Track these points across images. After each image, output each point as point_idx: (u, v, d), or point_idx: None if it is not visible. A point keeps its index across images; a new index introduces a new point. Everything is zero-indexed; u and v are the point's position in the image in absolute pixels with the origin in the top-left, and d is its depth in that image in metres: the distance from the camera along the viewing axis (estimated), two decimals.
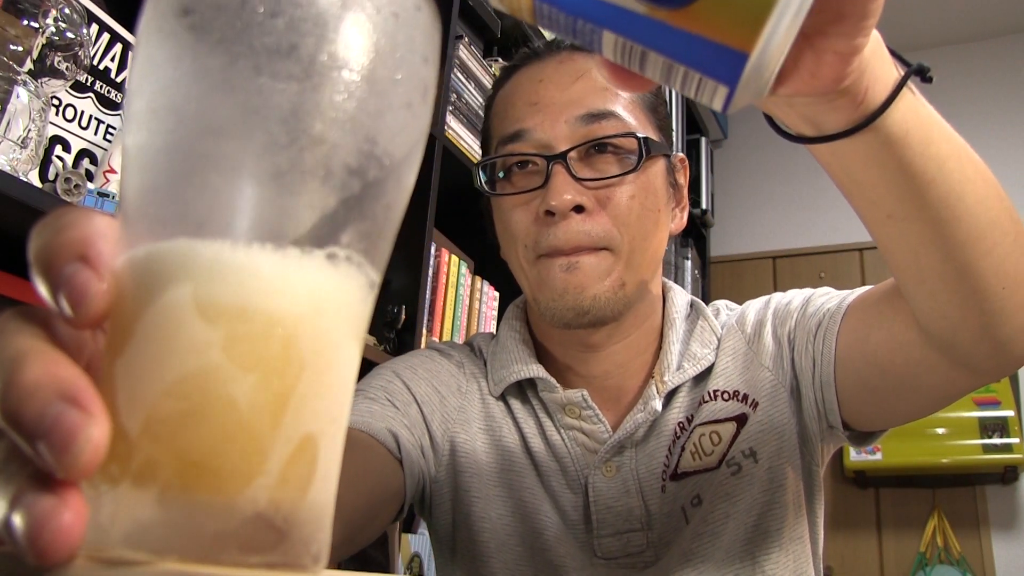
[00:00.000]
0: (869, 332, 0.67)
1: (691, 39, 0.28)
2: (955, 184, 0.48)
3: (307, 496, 0.24)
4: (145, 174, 0.25)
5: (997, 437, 3.02)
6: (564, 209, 0.70)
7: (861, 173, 0.47)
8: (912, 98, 0.44)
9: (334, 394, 0.25)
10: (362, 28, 0.25)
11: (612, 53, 0.31)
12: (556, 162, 0.71)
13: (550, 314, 0.73)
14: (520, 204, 0.74)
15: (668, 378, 0.77)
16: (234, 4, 0.24)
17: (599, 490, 0.75)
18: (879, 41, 0.41)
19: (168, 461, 0.22)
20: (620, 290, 0.72)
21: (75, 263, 0.23)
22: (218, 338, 0.23)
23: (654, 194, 0.75)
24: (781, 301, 0.81)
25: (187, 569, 0.21)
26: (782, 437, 0.75)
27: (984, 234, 0.50)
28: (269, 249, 0.24)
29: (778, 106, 0.43)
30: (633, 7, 0.28)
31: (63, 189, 1.05)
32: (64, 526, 0.20)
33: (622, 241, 0.72)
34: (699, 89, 0.30)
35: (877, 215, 0.51)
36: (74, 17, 1.05)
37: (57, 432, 0.21)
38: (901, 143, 0.44)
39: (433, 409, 0.79)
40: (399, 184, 0.27)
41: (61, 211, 0.25)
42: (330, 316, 0.25)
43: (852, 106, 0.41)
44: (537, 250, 0.73)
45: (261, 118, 0.23)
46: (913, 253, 0.52)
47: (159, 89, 0.24)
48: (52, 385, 0.21)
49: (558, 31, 0.31)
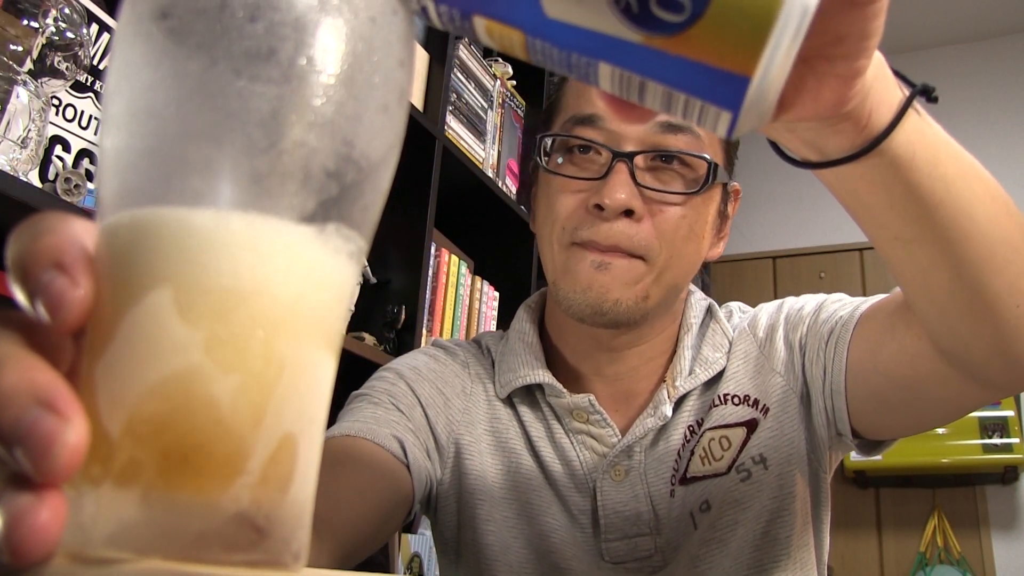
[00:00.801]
0: (881, 343, 0.66)
1: (690, 66, 0.27)
2: (964, 204, 0.47)
3: (287, 495, 0.24)
4: (123, 176, 0.25)
5: (997, 437, 3.01)
6: (616, 209, 0.68)
7: (867, 196, 0.46)
8: (918, 119, 0.43)
9: (313, 395, 0.25)
10: (339, 33, 0.25)
11: (609, 85, 0.30)
12: (621, 160, 0.70)
13: (567, 304, 0.72)
14: (571, 188, 0.72)
15: (680, 383, 0.76)
16: (213, 8, 0.24)
17: (607, 494, 0.75)
18: (882, 63, 0.40)
19: (150, 461, 0.22)
20: (643, 301, 0.71)
21: (51, 270, 0.23)
22: (200, 339, 0.23)
23: (704, 220, 0.73)
24: (794, 306, 0.80)
25: (170, 567, 0.22)
26: (792, 443, 0.75)
27: (996, 253, 0.49)
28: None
29: (780, 132, 0.42)
30: (628, 37, 0.28)
31: (63, 189, 1.05)
32: (41, 525, 0.20)
33: (659, 255, 0.70)
34: (701, 116, 0.30)
35: (885, 237, 0.50)
36: (74, 17, 1.06)
37: (33, 438, 0.21)
38: (907, 166, 0.43)
39: (437, 412, 0.78)
40: (376, 187, 0.27)
41: (38, 216, 0.25)
42: (308, 309, 0.25)
43: (856, 130, 0.40)
44: (574, 237, 0.71)
45: (240, 122, 0.24)
46: (923, 273, 0.51)
47: (137, 92, 0.24)
48: (28, 391, 0.21)
49: (552, 66, 0.30)
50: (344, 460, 0.66)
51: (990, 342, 0.54)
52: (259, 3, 0.24)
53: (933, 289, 0.52)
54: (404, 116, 0.28)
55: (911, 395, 0.65)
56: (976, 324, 0.53)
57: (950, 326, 0.55)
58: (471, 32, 0.30)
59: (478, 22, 0.29)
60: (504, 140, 2.20)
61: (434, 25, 0.30)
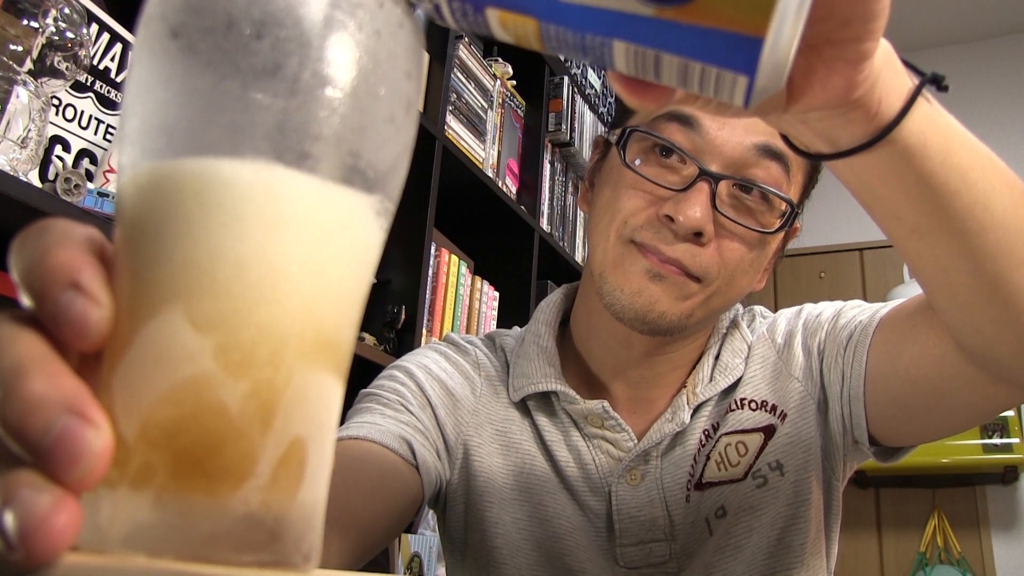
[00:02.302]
0: (902, 346, 0.65)
1: (703, 33, 0.28)
2: (980, 194, 0.46)
3: (297, 497, 0.25)
4: (138, 191, 0.25)
5: (997, 437, 3.02)
6: (689, 228, 0.66)
7: (881, 188, 0.46)
8: (928, 108, 0.43)
9: (322, 400, 0.26)
10: (345, 46, 0.25)
11: (625, 64, 0.30)
12: (705, 179, 0.67)
13: (611, 300, 0.70)
14: (644, 188, 0.69)
15: (700, 390, 0.76)
16: (221, 26, 0.24)
17: (623, 498, 0.74)
18: (890, 51, 0.40)
19: (164, 465, 0.23)
20: (687, 318, 0.70)
21: (69, 290, 0.23)
22: (210, 346, 0.24)
23: (765, 256, 0.73)
24: (812, 312, 0.79)
25: (183, 568, 0.22)
26: (808, 450, 0.74)
27: (1015, 245, 0.48)
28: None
29: (792, 124, 0.42)
30: (639, 11, 0.28)
31: (63, 189, 1.05)
32: (59, 527, 0.21)
33: (715, 281, 0.69)
34: (718, 86, 0.30)
35: (901, 230, 0.49)
36: (74, 17, 1.05)
37: (64, 445, 0.21)
38: (920, 155, 0.43)
39: (447, 412, 0.78)
40: (387, 195, 0.27)
41: (40, 227, 0.25)
42: (318, 317, 0.26)
43: (866, 119, 0.40)
44: (635, 236, 0.69)
45: (247, 136, 0.24)
46: (942, 268, 0.50)
47: (151, 109, 0.25)
48: (58, 397, 0.22)
49: (567, 52, 0.31)
50: (353, 463, 0.66)
51: (1015, 338, 0.52)
52: (264, 20, 0.24)
53: (953, 284, 0.51)
54: (413, 126, 0.28)
55: (934, 399, 0.64)
56: (999, 319, 0.51)
57: (973, 323, 0.53)
58: (485, 26, 0.30)
59: (491, 15, 0.29)
60: (504, 140, 2.20)
61: (447, 25, 0.31)
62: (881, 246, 3.48)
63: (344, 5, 0.25)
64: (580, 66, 2.69)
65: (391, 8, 0.27)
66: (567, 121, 2.45)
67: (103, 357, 0.25)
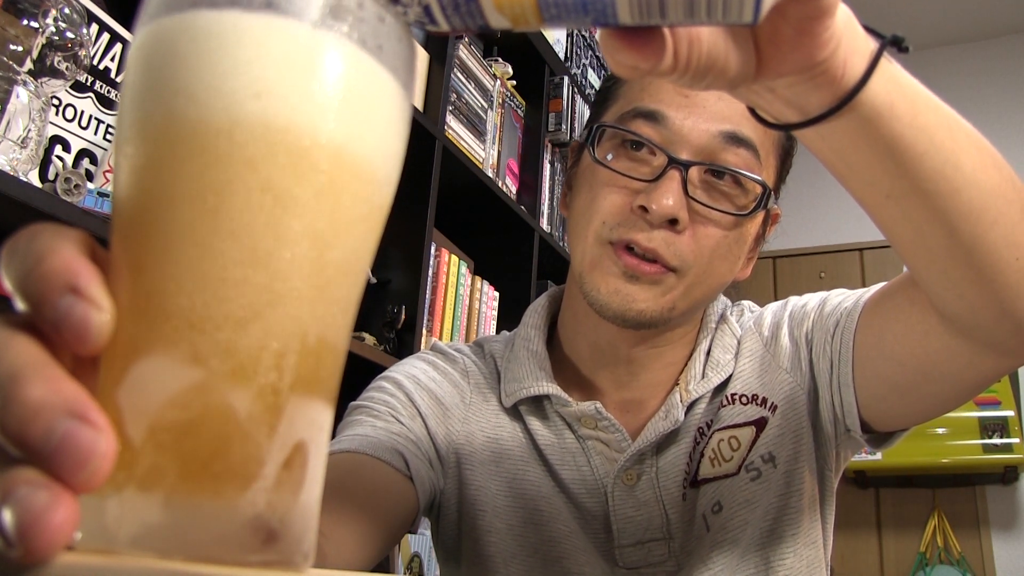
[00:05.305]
0: (886, 326, 0.66)
1: None
2: (949, 154, 0.47)
3: (299, 499, 0.25)
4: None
5: (997, 437, 3.02)
6: (662, 216, 0.67)
7: (852, 154, 0.46)
8: (892, 69, 0.44)
9: (321, 406, 0.27)
10: (336, 60, 0.26)
11: (629, 15, 0.30)
12: (676, 167, 0.68)
13: (591, 298, 0.71)
14: (618, 184, 0.70)
15: (693, 388, 0.76)
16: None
17: (620, 500, 0.74)
18: (851, 16, 0.41)
19: (172, 467, 0.23)
20: (668, 312, 0.70)
21: (68, 295, 0.23)
22: (217, 350, 0.24)
23: (743, 242, 0.73)
24: (798, 303, 0.80)
25: (193, 568, 0.22)
26: (799, 440, 0.74)
27: (987, 204, 0.49)
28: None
29: (760, 95, 0.43)
30: None
31: (63, 189, 1.05)
32: (57, 525, 0.21)
33: (692, 269, 0.70)
34: (725, 10, 0.30)
35: (875, 197, 0.50)
36: (74, 17, 1.05)
37: (68, 449, 0.21)
38: (888, 116, 0.44)
39: (437, 422, 0.78)
40: (388, 180, 0.28)
41: (29, 232, 0.25)
42: (318, 325, 0.26)
43: (833, 82, 0.41)
44: (612, 235, 0.70)
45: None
46: (918, 232, 0.51)
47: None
48: (58, 402, 0.22)
49: (567, 17, 0.30)
50: (348, 477, 0.65)
51: (995, 301, 0.53)
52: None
53: (932, 248, 0.51)
54: (405, 132, 0.29)
55: (922, 376, 0.65)
56: (979, 283, 0.52)
57: (954, 289, 0.54)
58: (480, 15, 0.30)
59: (485, 1, 0.29)
60: (504, 140, 2.20)
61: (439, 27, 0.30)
62: (881, 246, 3.48)
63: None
64: (580, 66, 2.69)
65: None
66: (567, 121, 2.45)
67: (102, 360, 0.25)
